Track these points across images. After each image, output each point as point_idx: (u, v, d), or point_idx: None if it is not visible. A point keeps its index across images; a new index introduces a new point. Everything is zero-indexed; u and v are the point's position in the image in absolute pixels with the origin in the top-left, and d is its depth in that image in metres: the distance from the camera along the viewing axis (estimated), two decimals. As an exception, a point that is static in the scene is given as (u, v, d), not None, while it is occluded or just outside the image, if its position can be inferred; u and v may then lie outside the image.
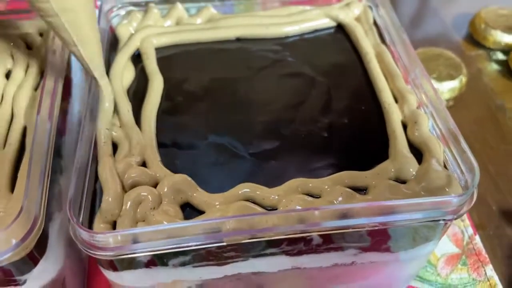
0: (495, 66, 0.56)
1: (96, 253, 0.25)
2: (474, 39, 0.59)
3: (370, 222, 0.26)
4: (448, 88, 0.51)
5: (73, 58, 0.40)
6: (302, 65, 0.37)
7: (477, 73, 0.55)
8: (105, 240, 0.25)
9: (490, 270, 0.37)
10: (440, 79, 0.51)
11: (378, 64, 0.36)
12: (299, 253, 0.29)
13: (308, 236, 0.27)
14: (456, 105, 0.52)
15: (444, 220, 0.27)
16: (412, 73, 0.35)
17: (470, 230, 0.40)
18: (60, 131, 0.35)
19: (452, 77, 0.51)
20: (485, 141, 0.49)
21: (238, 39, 0.39)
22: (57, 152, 0.33)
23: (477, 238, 0.39)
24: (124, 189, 0.28)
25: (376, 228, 0.27)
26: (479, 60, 0.57)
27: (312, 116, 0.33)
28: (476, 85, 0.54)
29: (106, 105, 0.32)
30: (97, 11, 0.39)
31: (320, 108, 0.34)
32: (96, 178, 0.29)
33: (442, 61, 0.52)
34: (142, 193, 0.27)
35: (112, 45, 0.39)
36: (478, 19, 0.58)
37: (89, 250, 0.25)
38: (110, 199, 0.27)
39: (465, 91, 0.52)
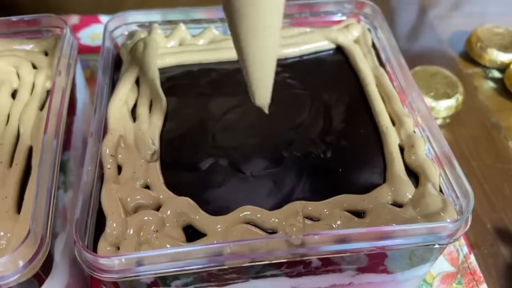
0: (491, 84, 0.57)
1: (101, 275, 0.26)
2: (471, 57, 0.60)
3: (367, 246, 0.27)
4: (445, 106, 0.52)
5: (77, 76, 0.41)
6: (301, 87, 0.38)
7: (473, 91, 0.56)
8: (110, 263, 0.25)
9: (484, 289, 0.38)
10: (437, 97, 0.52)
11: (376, 87, 0.37)
12: (299, 274, 0.30)
13: (308, 259, 0.28)
14: (453, 123, 0.53)
15: (439, 244, 0.28)
16: (409, 96, 0.36)
17: (465, 249, 0.40)
18: (65, 147, 0.35)
19: (448, 96, 0.52)
20: (481, 159, 0.49)
21: (240, 60, 0.40)
22: (62, 169, 0.33)
23: (472, 257, 0.40)
24: (128, 212, 0.29)
25: (373, 251, 0.28)
26: (475, 78, 0.58)
27: (311, 138, 0.34)
28: (472, 103, 0.55)
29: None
30: (102, 30, 0.40)
31: (320, 130, 0.35)
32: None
33: (439, 80, 0.53)
34: (145, 218, 0.28)
35: (116, 64, 0.40)
36: (474, 37, 0.59)
37: (94, 272, 0.26)
38: (114, 224, 0.27)
39: (461, 109, 0.53)
